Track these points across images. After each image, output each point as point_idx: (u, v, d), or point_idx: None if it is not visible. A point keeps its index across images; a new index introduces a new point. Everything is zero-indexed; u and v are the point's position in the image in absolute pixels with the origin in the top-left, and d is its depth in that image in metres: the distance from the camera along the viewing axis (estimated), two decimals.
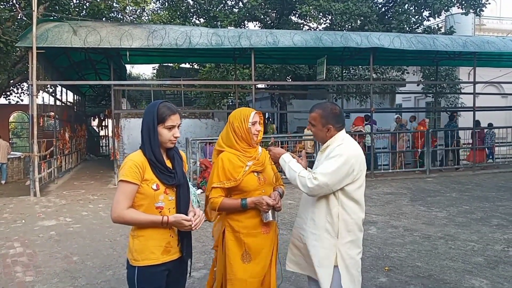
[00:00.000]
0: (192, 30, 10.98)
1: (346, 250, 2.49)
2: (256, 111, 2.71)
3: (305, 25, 17.74)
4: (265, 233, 2.66)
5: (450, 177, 11.64)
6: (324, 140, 2.63)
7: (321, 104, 2.64)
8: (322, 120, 2.57)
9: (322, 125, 2.58)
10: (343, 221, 2.49)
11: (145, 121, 2.24)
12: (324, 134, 2.60)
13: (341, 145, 2.51)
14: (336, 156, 2.44)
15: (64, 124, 14.91)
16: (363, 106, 17.99)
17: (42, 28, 9.96)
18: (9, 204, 8.89)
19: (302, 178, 2.45)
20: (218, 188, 2.59)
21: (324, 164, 2.46)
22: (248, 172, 2.61)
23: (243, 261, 2.59)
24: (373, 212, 7.37)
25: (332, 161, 2.43)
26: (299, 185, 2.47)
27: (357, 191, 2.52)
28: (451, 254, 5.02)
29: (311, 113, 2.62)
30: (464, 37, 13.00)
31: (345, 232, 2.49)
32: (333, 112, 2.58)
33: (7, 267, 4.92)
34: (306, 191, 2.45)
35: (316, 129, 2.61)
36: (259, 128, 2.69)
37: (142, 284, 2.18)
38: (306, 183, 2.42)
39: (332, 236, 2.48)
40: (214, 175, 2.62)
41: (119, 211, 2.13)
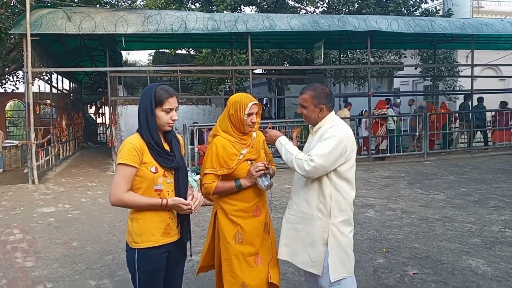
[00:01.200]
0: (188, 15, 10.86)
1: (338, 229, 2.52)
2: (254, 102, 2.62)
3: (302, 9, 17.55)
4: (256, 216, 2.69)
5: (448, 160, 11.68)
6: (316, 122, 2.63)
7: (311, 86, 2.63)
8: (314, 100, 2.56)
9: (314, 106, 2.57)
10: (336, 201, 2.52)
11: (142, 103, 2.23)
12: (316, 115, 2.59)
13: (333, 126, 2.52)
14: (330, 137, 2.45)
15: (61, 112, 14.84)
16: (361, 90, 17.94)
17: (36, 15, 9.84)
18: (7, 192, 8.89)
19: (299, 161, 2.45)
20: (211, 175, 2.57)
21: (318, 146, 2.47)
22: (242, 160, 2.60)
23: (236, 242, 2.62)
24: (371, 196, 7.41)
25: (327, 142, 2.44)
26: (296, 167, 2.47)
27: (349, 171, 2.56)
28: (448, 236, 5.06)
29: (301, 95, 2.61)
30: (462, 20, 12.89)
31: (337, 212, 2.52)
32: (324, 92, 2.59)
33: (7, 253, 4.94)
34: (303, 173, 2.45)
35: (308, 111, 2.60)
36: (255, 120, 2.63)
37: (142, 266, 2.19)
38: (303, 165, 2.42)
39: (325, 215, 2.51)
40: (208, 160, 2.60)
41: (118, 194, 2.13)
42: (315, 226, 2.52)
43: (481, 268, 4.03)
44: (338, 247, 2.51)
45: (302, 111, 2.64)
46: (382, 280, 3.83)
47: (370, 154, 11.82)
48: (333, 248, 2.50)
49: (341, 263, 2.51)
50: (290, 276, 3.98)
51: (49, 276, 4.17)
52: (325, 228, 2.50)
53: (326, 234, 2.50)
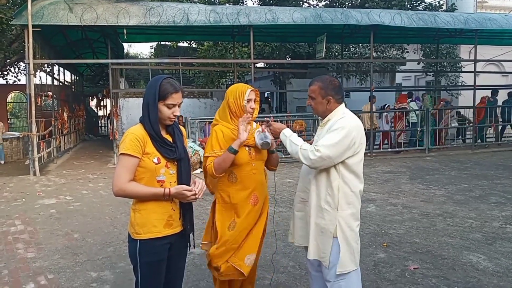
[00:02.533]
0: (190, 7, 10.81)
1: (346, 222, 2.51)
2: (252, 89, 2.75)
3: (305, 2, 17.47)
4: (254, 205, 2.78)
5: (449, 156, 11.66)
6: (324, 114, 2.62)
7: (320, 77, 2.64)
8: (322, 91, 2.56)
9: (322, 97, 2.57)
10: (344, 193, 2.51)
11: (146, 95, 2.22)
12: (324, 107, 2.59)
13: (342, 118, 2.51)
14: (338, 128, 2.44)
15: (62, 104, 14.82)
16: (363, 84, 17.91)
17: (37, 6, 9.79)
18: (9, 183, 8.91)
19: (304, 151, 2.45)
20: (211, 157, 2.70)
21: (326, 137, 2.46)
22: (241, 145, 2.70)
23: (229, 229, 2.74)
24: (372, 190, 7.41)
25: (335, 133, 2.43)
26: (301, 157, 2.47)
27: (358, 165, 2.54)
28: (449, 231, 5.06)
29: (310, 86, 2.61)
30: (466, 14, 12.81)
31: (345, 204, 2.52)
32: (332, 84, 2.58)
33: (9, 244, 4.96)
34: (309, 163, 2.46)
35: (316, 102, 2.60)
36: (254, 106, 2.77)
37: (144, 257, 2.19)
38: (309, 155, 2.42)
39: (332, 208, 2.51)
40: (208, 145, 2.75)
41: (120, 184, 2.12)
42: (324, 218, 2.53)
43: (482, 264, 4.03)
44: (345, 240, 2.51)
45: (310, 102, 2.65)
46: (383, 275, 3.83)
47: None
48: (341, 241, 2.50)
49: (348, 256, 2.51)
50: (291, 269, 3.98)
51: (50, 267, 4.18)
52: (333, 221, 2.51)
53: (334, 226, 2.50)
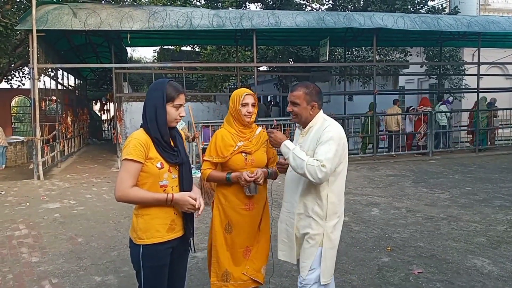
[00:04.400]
0: (193, 11, 10.85)
1: (332, 231, 2.54)
2: (248, 93, 2.82)
3: (308, 6, 17.50)
4: (249, 210, 2.82)
5: (453, 159, 11.62)
6: (307, 120, 2.59)
7: (302, 83, 2.61)
8: (307, 97, 2.54)
9: (306, 103, 2.54)
10: (332, 203, 2.51)
11: (152, 98, 2.22)
12: (308, 113, 2.56)
13: (329, 126, 2.49)
14: (330, 139, 2.43)
15: (66, 108, 14.89)
16: (366, 88, 17.87)
17: (41, 11, 9.86)
18: (13, 188, 8.94)
19: (310, 167, 2.37)
20: (208, 161, 2.84)
21: (322, 149, 2.42)
22: (237, 151, 2.79)
23: (225, 232, 2.82)
24: (376, 194, 7.39)
25: (329, 145, 2.42)
26: (307, 174, 2.38)
27: (344, 171, 2.57)
28: (454, 235, 5.04)
29: (293, 92, 2.57)
30: (469, 17, 12.80)
31: (332, 214, 2.53)
32: (315, 90, 2.58)
33: (13, 248, 4.97)
34: (316, 181, 2.39)
35: (300, 108, 2.55)
36: (250, 110, 2.81)
37: (147, 262, 2.19)
38: (316, 172, 2.35)
39: (321, 218, 2.51)
40: (208, 148, 2.86)
41: (123, 190, 2.12)
42: (312, 228, 2.51)
43: (487, 268, 4.01)
44: (330, 251, 2.53)
45: (293, 109, 2.58)
46: (387, 279, 3.82)
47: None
48: (326, 251, 2.50)
49: (330, 267, 2.54)
50: (295, 274, 3.97)
51: (55, 272, 4.19)
52: (321, 231, 2.50)
53: (321, 237, 2.50)
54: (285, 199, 2.72)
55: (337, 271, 4.01)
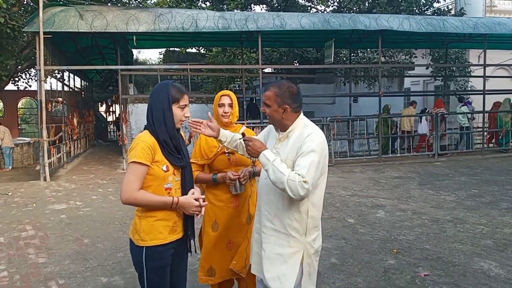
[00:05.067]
0: (199, 13, 10.89)
1: (312, 246, 2.34)
2: (224, 94, 2.93)
3: (313, 8, 17.52)
4: (235, 207, 2.92)
5: (459, 161, 11.57)
6: (280, 123, 2.36)
7: (276, 82, 2.37)
8: (278, 99, 2.29)
9: (278, 105, 2.30)
10: (312, 218, 2.31)
11: (157, 101, 2.22)
12: (280, 116, 2.32)
13: (311, 135, 2.26)
14: (312, 151, 2.20)
15: (72, 110, 14.97)
16: (372, 89, 17.84)
17: (48, 13, 9.93)
18: (19, 189, 9.00)
19: (292, 183, 2.12)
20: (194, 164, 2.87)
21: (304, 163, 2.18)
22: (220, 152, 2.88)
23: (212, 229, 2.90)
24: (381, 196, 7.37)
25: (311, 157, 2.19)
26: (287, 190, 2.13)
27: (323, 181, 2.35)
28: (460, 237, 5.01)
29: (265, 92, 2.35)
30: (475, 19, 12.75)
31: (313, 228, 2.34)
32: (290, 91, 2.31)
33: (20, 249, 5.00)
34: (297, 198, 2.15)
35: (271, 110, 2.32)
36: (226, 110, 2.90)
37: (150, 263, 2.20)
38: (298, 189, 2.11)
39: (300, 234, 2.29)
40: (193, 152, 2.94)
41: (130, 193, 2.12)
42: (291, 246, 2.29)
43: (494, 271, 3.99)
44: (311, 268, 2.34)
45: (265, 109, 2.37)
46: (393, 281, 3.81)
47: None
48: (306, 269, 2.31)
49: (311, 284, 2.35)
50: None
51: (61, 273, 4.21)
52: (300, 248, 2.30)
53: (301, 254, 2.30)
54: (259, 210, 2.47)
55: (343, 273, 4.01)
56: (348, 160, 11.99)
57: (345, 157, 12.32)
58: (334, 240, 5.02)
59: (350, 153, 12.73)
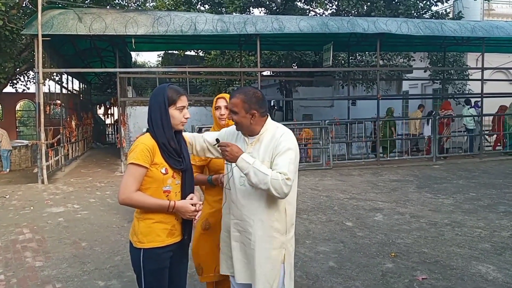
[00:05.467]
0: (197, 16, 10.91)
1: (291, 245, 2.44)
2: (220, 96, 3.00)
3: (311, 11, 17.55)
4: None
5: (457, 164, 11.58)
6: (249, 129, 2.39)
7: (241, 89, 2.42)
8: (245, 105, 2.33)
9: (245, 111, 2.33)
10: (289, 215, 2.40)
11: (154, 104, 2.24)
12: (248, 121, 2.35)
13: (285, 135, 2.34)
14: (288, 149, 2.28)
15: (70, 112, 14.97)
16: (370, 92, 17.89)
17: (47, 16, 9.94)
18: (17, 191, 8.98)
19: (275, 182, 2.16)
20: (194, 165, 2.83)
21: (283, 161, 2.25)
22: None
23: (203, 228, 2.93)
24: (379, 199, 7.37)
25: (289, 155, 2.27)
26: (271, 189, 2.17)
27: (296, 179, 2.40)
28: (458, 241, 5.01)
29: (231, 100, 2.38)
30: (473, 22, 12.80)
31: (290, 226, 2.42)
32: (256, 96, 2.36)
33: (17, 252, 4.99)
34: (281, 196, 2.21)
35: (239, 117, 2.35)
36: (222, 113, 2.96)
37: (147, 265, 2.22)
38: (282, 187, 2.17)
39: (281, 234, 2.36)
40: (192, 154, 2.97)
41: (127, 193, 2.15)
42: (274, 248, 2.35)
43: (491, 274, 3.99)
44: (291, 265, 2.43)
45: (232, 117, 2.39)
46: (391, 285, 3.80)
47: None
48: (288, 267, 2.40)
49: (291, 281, 2.44)
50: (298, 279, 3.96)
51: (58, 276, 4.20)
52: (282, 247, 2.37)
53: (283, 252, 2.37)
54: (236, 215, 2.43)
55: (341, 277, 4.00)
56: (346, 163, 12.00)
57: (343, 160, 12.33)
58: (332, 243, 5.01)
59: (348, 156, 12.75)
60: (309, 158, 12.41)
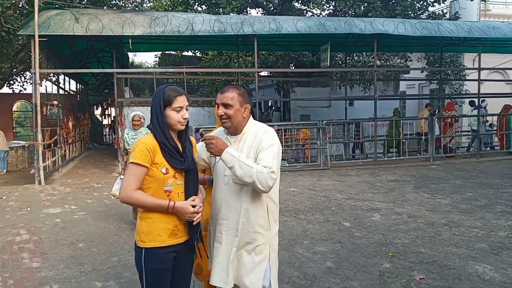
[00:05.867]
0: (195, 17, 10.90)
1: (275, 242, 2.46)
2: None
3: (308, 11, 17.58)
4: None
5: (454, 164, 11.62)
6: (239, 123, 2.41)
7: (232, 85, 2.46)
8: (240, 98, 2.37)
9: (240, 104, 2.37)
10: (272, 212, 2.42)
11: (153, 105, 2.27)
12: (241, 116, 2.39)
13: (268, 132, 2.38)
14: (272, 145, 2.32)
15: (68, 113, 14.95)
16: (367, 93, 17.91)
17: (44, 16, 9.91)
18: (14, 192, 8.95)
19: (260, 175, 2.18)
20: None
21: (267, 155, 2.28)
22: None
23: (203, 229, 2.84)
24: (377, 199, 7.38)
25: (272, 151, 2.31)
26: (256, 182, 2.19)
27: (279, 176, 2.39)
28: (455, 241, 5.03)
29: (225, 94, 2.38)
30: (469, 23, 12.85)
31: (273, 223, 2.44)
32: (247, 92, 2.44)
33: (14, 253, 4.97)
34: (266, 189, 2.23)
35: (234, 110, 2.36)
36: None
37: (148, 265, 2.22)
38: (267, 180, 2.20)
39: (266, 229, 2.39)
40: None
41: (127, 192, 2.18)
42: (259, 244, 2.37)
43: (488, 274, 4.00)
44: (275, 261, 2.45)
45: (224, 111, 2.37)
46: (388, 285, 3.81)
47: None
48: (273, 263, 2.42)
49: (277, 277, 2.46)
50: (296, 280, 3.97)
51: (55, 277, 4.18)
52: (266, 243, 2.39)
53: (268, 249, 2.40)
54: (221, 216, 2.45)
55: (338, 277, 4.01)
56: (343, 163, 12.02)
57: (341, 160, 12.35)
58: (330, 243, 5.02)
59: (345, 156, 12.76)
60: (307, 158, 12.42)
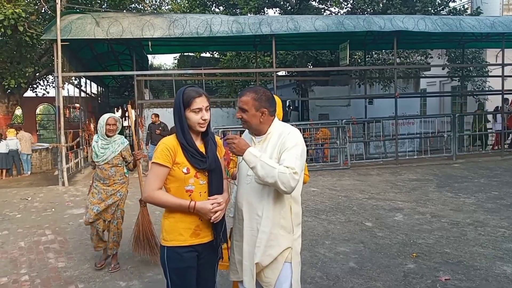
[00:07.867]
0: (213, 18, 10.95)
1: (297, 245, 2.40)
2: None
3: (326, 10, 17.45)
4: None
5: (478, 163, 11.37)
6: (257, 128, 2.40)
7: (251, 88, 2.43)
8: (256, 103, 2.34)
9: (255, 109, 2.34)
10: (295, 214, 2.38)
11: (175, 107, 2.30)
12: (258, 120, 2.36)
13: (292, 133, 2.35)
14: (296, 145, 2.29)
15: (89, 115, 15.18)
16: (387, 91, 17.67)
17: (65, 21, 10.11)
18: (39, 194, 9.15)
19: (283, 175, 2.15)
20: None
21: (290, 156, 2.25)
22: None
23: None
24: (399, 199, 7.28)
25: (296, 151, 2.27)
26: (278, 183, 2.15)
27: (302, 178, 2.39)
28: (481, 241, 4.92)
29: (241, 98, 2.37)
30: (492, 18, 12.55)
31: (296, 226, 2.39)
32: (266, 95, 2.37)
33: (40, 253, 5.08)
34: (288, 190, 2.19)
35: (249, 115, 2.35)
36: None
37: (171, 264, 2.26)
38: (289, 181, 2.15)
39: (288, 232, 2.35)
40: None
41: (149, 192, 2.23)
42: (280, 246, 2.33)
43: None
44: (298, 265, 2.40)
45: (241, 115, 2.38)
46: (413, 286, 3.75)
47: None
48: (295, 266, 2.37)
49: (299, 282, 2.40)
50: (319, 280, 3.94)
51: (81, 277, 4.26)
52: (288, 246, 2.34)
53: (289, 251, 2.34)
54: (242, 215, 2.40)
55: (362, 277, 3.96)
56: (364, 162, 11.89)
57: (361, 159, 12.22)
58: (352, 244, 4.97)
59: (366, 156, 12.63)
60: (326, 158, 12.34)
